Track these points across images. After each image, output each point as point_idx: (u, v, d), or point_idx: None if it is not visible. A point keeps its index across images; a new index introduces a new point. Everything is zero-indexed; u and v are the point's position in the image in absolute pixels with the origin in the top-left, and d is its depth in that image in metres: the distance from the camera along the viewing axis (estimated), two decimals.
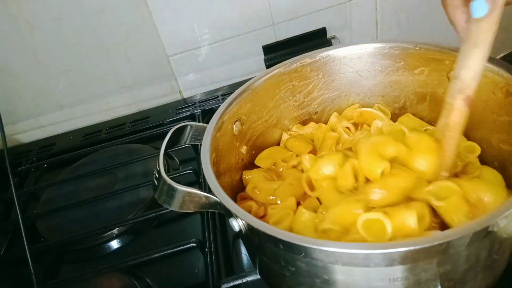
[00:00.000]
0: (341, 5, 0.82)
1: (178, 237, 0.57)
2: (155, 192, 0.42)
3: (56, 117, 0.87)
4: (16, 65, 0.79)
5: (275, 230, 0.33)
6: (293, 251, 0.33)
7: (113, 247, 0.60)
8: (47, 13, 0.74)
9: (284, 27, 0.82)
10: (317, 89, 0.56)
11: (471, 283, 0.36)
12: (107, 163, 0.72)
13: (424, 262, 0.31)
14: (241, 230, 0.37)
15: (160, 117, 0.84)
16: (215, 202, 0.39)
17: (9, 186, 0.56)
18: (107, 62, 0.82)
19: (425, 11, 0.85)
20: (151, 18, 0.78)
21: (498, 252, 0.35)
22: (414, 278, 0.32)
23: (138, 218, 0.60)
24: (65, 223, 0.64)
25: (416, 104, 0.54)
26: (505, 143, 0.44)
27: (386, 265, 0.31)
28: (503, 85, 0.42)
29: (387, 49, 0.52)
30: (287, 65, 0.53)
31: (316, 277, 0.35)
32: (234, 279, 0.48)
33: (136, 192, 0.64)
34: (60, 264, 0.60)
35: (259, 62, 0.82)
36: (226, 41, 0.82)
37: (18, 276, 0.59)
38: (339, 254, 0.31)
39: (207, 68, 0.86)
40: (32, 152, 0.84)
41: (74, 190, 0.70)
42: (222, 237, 0.56)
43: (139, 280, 0.52)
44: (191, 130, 0.49)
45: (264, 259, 0.40)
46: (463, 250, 0.31)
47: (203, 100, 0.85)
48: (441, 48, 0.47)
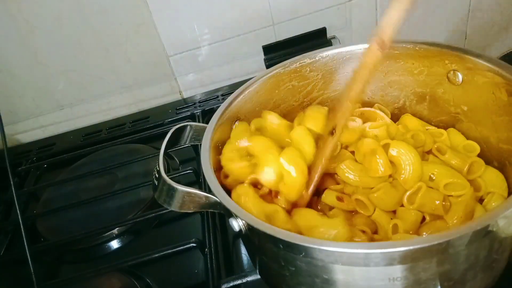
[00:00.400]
0: (341, 5, 0.82)
1: (178, 237, 0.57)
2: (155, 192, 0.42)
3: (56, 117, 0.87)
4: (16, 65, 0.79)
5: (275, 230, 0.33)
6: (293, 251, 0.33)
7: (113, 247, 0.60)
8: (47, 13, 0.74)
9: (284, 27, 0.82)
10: (317, 89, 0.56)
11: (471, 283, 0.36)
12: (107, 163, 0.72)
13: (424, 262, 0.31)
14: (241, 230, 0.37)
15: (160, 117, 0.84)
16: (215, 202, 0.39)
17: (9, 186, 0.56)
18: (107, 62, 0.82)
19: (425, 11, 0.85)
20: (151, 18, 0.78)
21: (498, 252, 0.35)
22: (414, 277, 0.33)
23: (138, 218, 0.60)
24: (65, 223, 0.64)
25: (415, 104, 0.54)
26: (505, 143, 0.44)
27: (386, 264, 0.31)
28: (503, 85, 0.42)
29: (388, 49, 0.51)
30: (286, 65, 0.53)
31: (316, 277, 0.35)
32: (234, 279, 0.48)
33: (136, 192, 0.64)
34: (60, 264, 0.60)
35: (259, 62, 0.82)
36: (226, 41, 0.82)
37: (18, 276, 0.59)
38: (339, 254, 0.31)
39: (207, 68, 0.86)
40: (32, 152, 0.84)
41: (74, 190, 0.70)
42: (222, 237, 0.56)
43: (139, 280, 0.52)
44: (191, 130, 0.49)
45: (264, 259, 0.40)
46: (463, 249, 0.31)
47: (203, 100, 0.85)
48: (440, 48, 0.47)
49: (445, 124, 0.51)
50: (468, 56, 0.45)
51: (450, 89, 0.49)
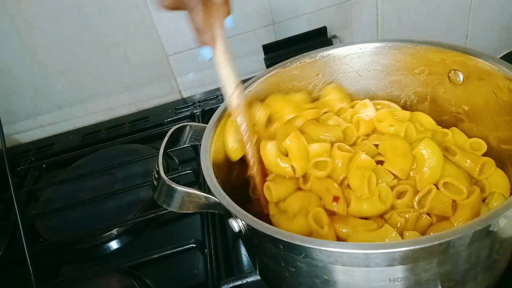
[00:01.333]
0: (341, 4, 0.82)
1: (177, 237, 0.57)
2: (155, 193, 0.42)
3: (55, 117, 0.87)
4: (15, 64, 0.79)
5: (274, 230, 0.33)
6: (293, 252, 0.33)
7: (112, 248, 0.60)
8: (47, 13, 0.74)
9: (284, 26, 0.82)
10: (317, 89, 0.56)
11: (471, 283, 0.36)
12: (107, 163, 0.71)
13: (424, 262, 0.31)
14: (241, 230, 0.37)
15: (159, 117, 0.83)
16: (215, 202, 0.39)
17: (8, 186, 0.56)
18: (106, 62, 0.82)
19: (426, 10, 0.85)
20: (151, 18, 0.77)
21: (498, 252, 0.35)
22: (414, 278, 0.32)
23: (138, 218, 0.59)
24: (64, 223, 0.64)
25: (416, 104, 0.54)
26: (506, 143, 0.44)
27: (387, 265, 0.31)
28: (503, 85, 0.42)
29: (387, 49, 0.51)
30: (286, 65, 0.52)
31: (316, 278, 0.35)
32: (234, 280, 0.48)
33: (136, 192, 0.64)
34: (59, 265, 0.60)
35: (259, 62, 0.82)
36: (226, 40, 0.82)
37: (17, 276, 0.59)
38: (339, 254, 0.31)
39: (207, 67, 0.85)
40: (31, 152, 0.84)
41: (74, 190, 0.69)
42: (222, 237, 0.56)
43: (138, 281, 0.52)
44: (191, 130, 0.48)
45: (264, 260, 0.40)
46: (464, 250, 0.31)
47: (203, 100, 0.85)
48: (441, 48, 0.47)
49: (446, 124, 0.51)
50: (469, 55, 0.45)
51: (451, 88, 0.49)
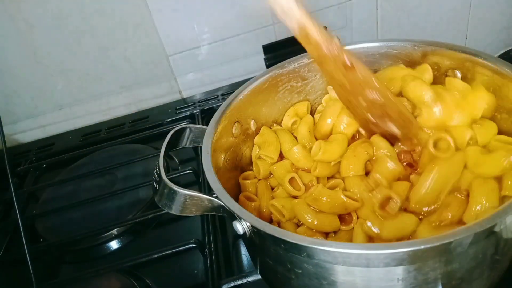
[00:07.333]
0: (341, 5, 0.82)
1: (177, 237, 0.57)
2: (155, 195, 0.41)
3: (55, 117, 0.87)
4: (15, 64, 0.79)
5: (281, 232, 0.32)
6: (299, 253, 0.33)
7: (112, 248, 0.60)
8: (46, 13, 0.74)
9: (284, 27, 0.81)
10: (316, 90, 0.56)
11: (472, 285, 0.36)
12: (107, 163, 0.71)
13: (432, 261, 0.31)
14: (245, 232, 0.37)
15: (159, 117, 0.83)
16: (219, 205, 0.38)
17: (9, 186, 0.56)
18: (106, 62, 0.81)
19: (426, 10, 0.85)
20: (151, 18, 0.77)
21: (501, 253, 0.35)
22: (422, 277, 0.32)
23: (138, 218, 0.60)
24: (64, 223, 0.64)
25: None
26: None
27: (396, 265, 0.31)
28: (502, 83, 0.42)
29: (386, 48, 0.51)
30: (285, 66, 0.52)
31: (323, 279, 0.35)
32: (234, 280, 0.48)
33: (136, 192, 0.64)
34: (60, 264, 0.60)
35: (259, 62, 0.82)
36: (226, 40, 0.82)
37: (17, 276, 0.59)
38: (347, 255, 0.31)
39: (207, 67, 0.86)
40: (31, 152, 0.84)
41: (74, 190, 0.69)
42: (222, 237, 0.56)
43: (139, 281, 0.52)
44: (191, 132, 0.48)
45: (268, 262, 0.40)
46: (466, 250, 0.31)
47: (203, 100, 0.85)
48: (440, 47, 0.47)
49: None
50: (468, 55, 0.45)
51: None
